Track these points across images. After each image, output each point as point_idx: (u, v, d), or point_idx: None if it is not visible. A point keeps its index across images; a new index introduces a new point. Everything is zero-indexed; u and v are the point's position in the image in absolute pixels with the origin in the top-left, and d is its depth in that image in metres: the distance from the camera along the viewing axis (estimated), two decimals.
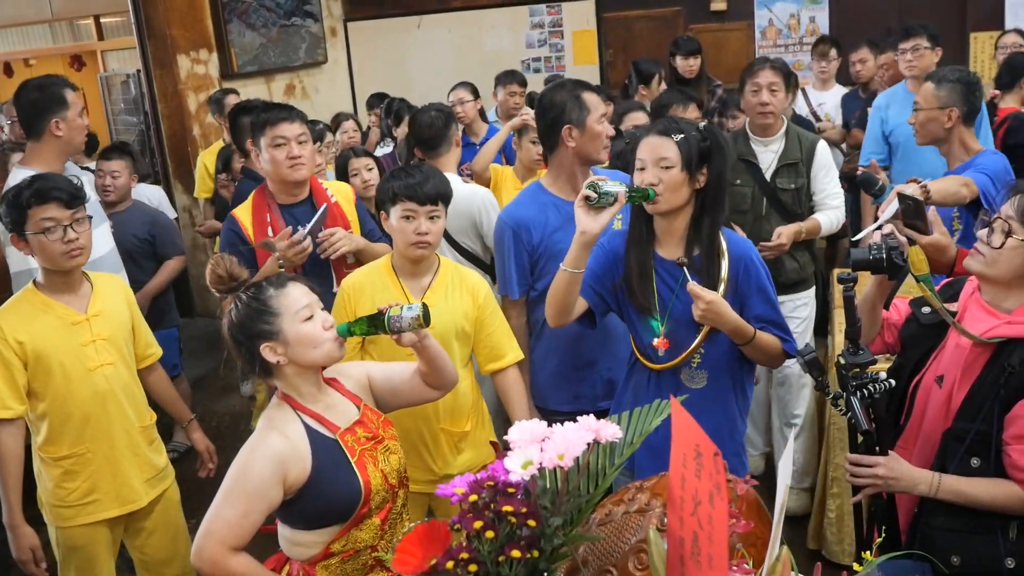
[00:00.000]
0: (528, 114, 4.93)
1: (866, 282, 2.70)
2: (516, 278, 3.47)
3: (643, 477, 2.11)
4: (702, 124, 2.88)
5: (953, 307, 2.55)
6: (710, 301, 2.71)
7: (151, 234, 5.38)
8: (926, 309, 2.60)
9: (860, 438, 2.54)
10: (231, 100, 6.53)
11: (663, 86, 6.48)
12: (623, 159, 3.65)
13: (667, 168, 2.77)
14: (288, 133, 3.64)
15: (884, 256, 2.53)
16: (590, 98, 3.35)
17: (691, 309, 2.77)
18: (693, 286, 2.72)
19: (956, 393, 2.45)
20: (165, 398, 3.68)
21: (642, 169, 2.82)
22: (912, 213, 2.98)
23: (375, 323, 2.52)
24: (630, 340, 3.09)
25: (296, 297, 2.45)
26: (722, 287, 2.83)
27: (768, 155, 4.34)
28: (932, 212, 3.00)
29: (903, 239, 2.61)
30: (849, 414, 2.48)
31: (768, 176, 4.32)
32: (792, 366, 4.22)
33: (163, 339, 5.02)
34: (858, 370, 2.48)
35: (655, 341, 2.92)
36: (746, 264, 2.88)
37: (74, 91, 4.04)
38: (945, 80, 3.87)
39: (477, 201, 4.21)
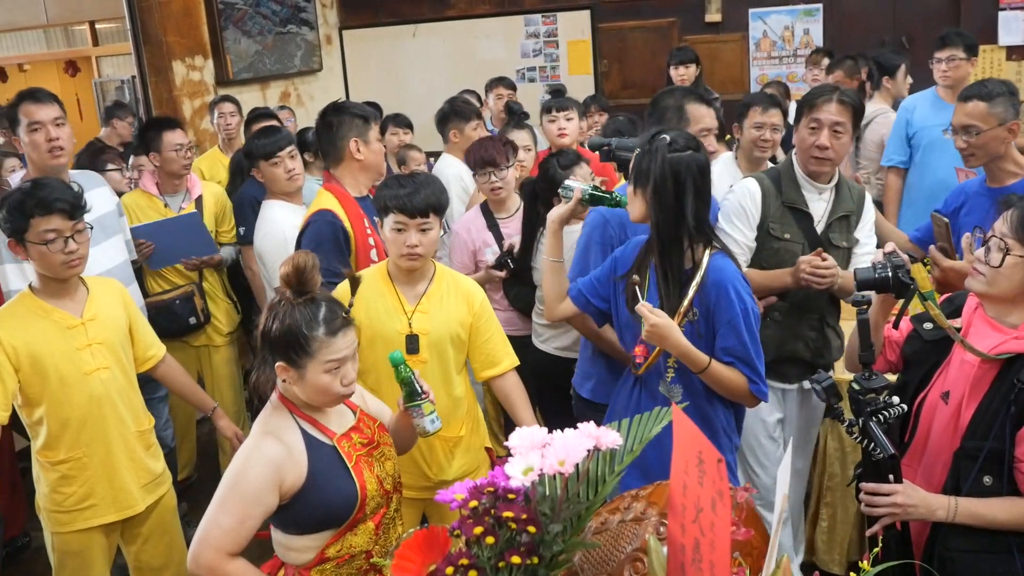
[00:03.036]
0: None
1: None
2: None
3: (626, 488, 2.11)
4: (651, 143, 2.84)
5: (956, 323, 2.53)
6: (653, 324, 2.74)
7: None
8: (928, 325, 2.56)
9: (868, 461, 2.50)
10: (220, 108, 6.56)
11: (909, 79, 6.40)
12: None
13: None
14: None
15: (890, 274, 2.50)
16: (694, 110, 3.44)
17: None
18: (640, 307, 2.75)
19: (964, 410, 2.42)
20: (184, 390, 3.67)
21: None
22: (943, 235, 2.94)
23: (407, 387, 2.64)
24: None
25: (337, 348, 2.40)
26: (683, 305, 2.83)
27: (820, 205, 3.50)
28: (966, 238, 2.97)
29: (906, 257, 2.59)
30: (866, 441, 2.43)
31: (820, 229, 3.47)
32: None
33: None
34: (873, 395, 2.44)
35: (636, 348, 2.95)
36: (719, 294, 2.83)
37: (34, 103, 3.79)
38: (995, 95, 3.59)
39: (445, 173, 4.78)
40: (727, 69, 8.35)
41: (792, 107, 6.75)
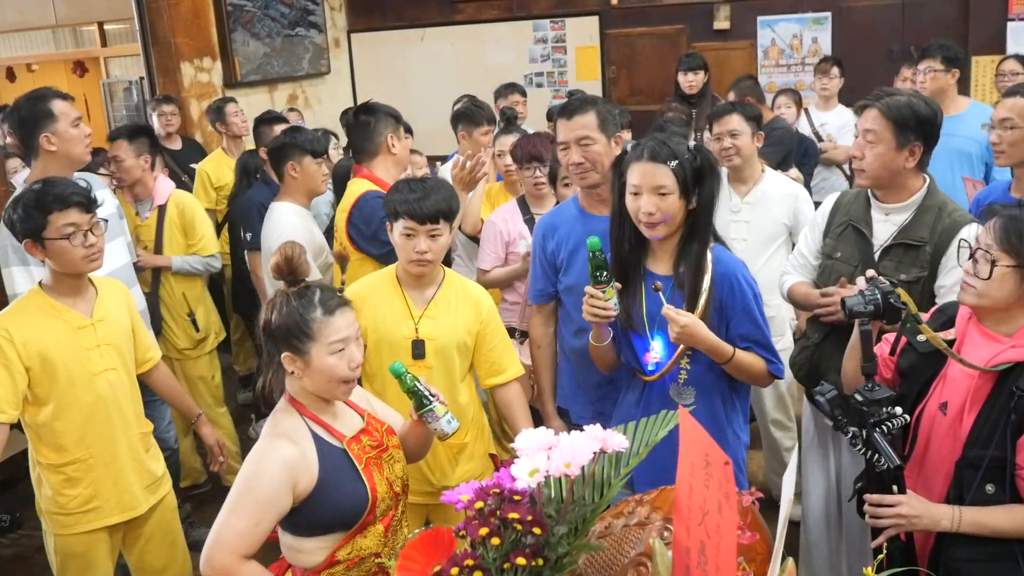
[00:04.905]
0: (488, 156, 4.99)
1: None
2: (532, 284, 3.52)
3: (642, 491, 2.12)
4: (692, 143, 2.87)
5: (951, 334, 2.52)
6: (684, 325, 2.73)
7: None
8: (922, 337, 2.54)
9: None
10: (231, 109, 6.58)
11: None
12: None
13: (664, 195, 2.77)
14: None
15: (880, 301, 2.48)
16: (557, 126, 3.34)
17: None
18: (668, 310, 2.74)
19: (965, 420, 2.41)
20: (171, 395, 3.69)
21: (636, 194, 2.81)
22: None
23: (416, 396, 2.59)
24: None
25: (338, 328, 2.44)
26: (702, 301, 2.83)
27: (885, 227, 3.14)
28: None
29: (887, 282, 2.55)
30: (869, 452, 2.42)
31: (876, 255, 3.12)
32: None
33: None
34: (876, 406, 2.42)
35: (646, 355, 2.94)
36: (731, 283, 2.87)
37: (64, 100, 3.90)
38: None
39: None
40: (735, 76, 8.29)
41: (801, 116, 6.77)
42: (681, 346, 2.87)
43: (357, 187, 4.00)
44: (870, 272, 2.61)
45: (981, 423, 2.39)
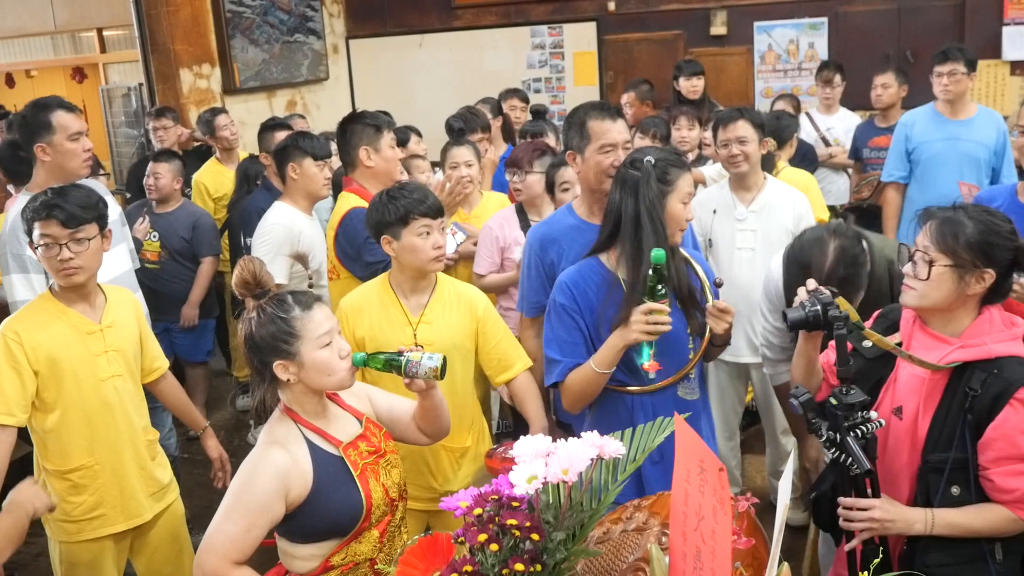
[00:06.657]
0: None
1: None
2: (527, 295, 3.47)
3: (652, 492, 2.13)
4: (647, 158, 2.87)
5: (896, 338, 2.55)
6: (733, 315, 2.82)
7: (190, 234, 5.68)
8: (867, 343, 2.57)
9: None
10: (221, 120, 6.57)
11: None
12: None
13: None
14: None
15: (820, 311, 2.49)
16: (594, 126, 3.21)
17: (680, 327, 2.83)
18: (719, 304, 2.81)
19: (920, 423, 2.44)
20: (179, 406, 3.68)
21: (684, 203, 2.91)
22: None
23: (391, 363, 2.54)
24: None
25: (319, 322, 2.44)
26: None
27: None
28: None
29: (827, 293, 2.55)
30: (843, 456, 2.43)
31: None
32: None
33: (201, 327, 5.73)
34: (851, 410, 2.42)
35: (645, 365, 2.88)
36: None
37: (68, 112, 3.80)
38: None
39: None
40: (732, 82, 8.36)
41: (802, 119, 6.76)
42: (701, 347, 2.92)
43: (344, 203, 3.97)
44: (811, 283, 2.61)
45: (938, 426, 2.42)
